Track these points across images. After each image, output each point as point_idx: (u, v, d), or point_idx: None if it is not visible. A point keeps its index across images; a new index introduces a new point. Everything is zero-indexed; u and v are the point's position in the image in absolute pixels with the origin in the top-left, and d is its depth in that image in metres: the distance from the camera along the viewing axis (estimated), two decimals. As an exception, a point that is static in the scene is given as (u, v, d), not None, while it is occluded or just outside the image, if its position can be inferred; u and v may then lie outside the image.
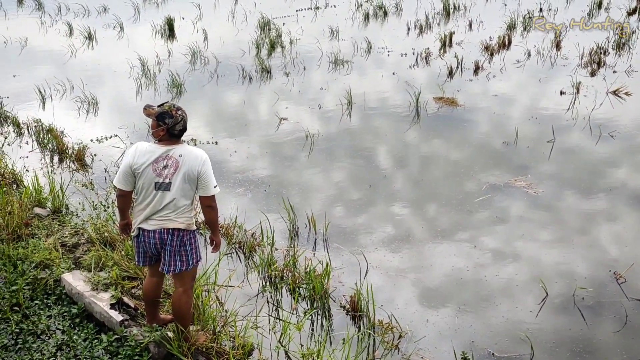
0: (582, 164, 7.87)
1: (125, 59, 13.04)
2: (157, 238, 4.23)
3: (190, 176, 4.14)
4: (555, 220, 6.58)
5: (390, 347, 4.80)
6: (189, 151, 4.19)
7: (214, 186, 4.22)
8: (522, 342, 4.82)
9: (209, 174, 4.18)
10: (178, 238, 4.23)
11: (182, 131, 4.23)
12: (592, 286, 5.43)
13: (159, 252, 4.31)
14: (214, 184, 4.22)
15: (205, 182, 4.18)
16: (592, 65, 11.61)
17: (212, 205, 4.30)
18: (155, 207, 4.19)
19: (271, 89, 11.35)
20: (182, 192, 4.16)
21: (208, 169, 4.17)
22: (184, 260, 4.28)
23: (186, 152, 4.17)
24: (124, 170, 4.23)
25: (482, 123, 9.35)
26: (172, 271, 4.30)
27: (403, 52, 13.29)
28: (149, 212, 4.21)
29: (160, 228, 4.21)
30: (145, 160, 4.16)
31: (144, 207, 4.23)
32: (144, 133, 9.32)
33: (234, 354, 4.48)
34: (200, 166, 4.14)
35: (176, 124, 4.17)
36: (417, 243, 6.26)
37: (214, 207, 4.31)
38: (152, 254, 4.35)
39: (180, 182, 4.14)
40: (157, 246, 4.27)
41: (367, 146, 8.73)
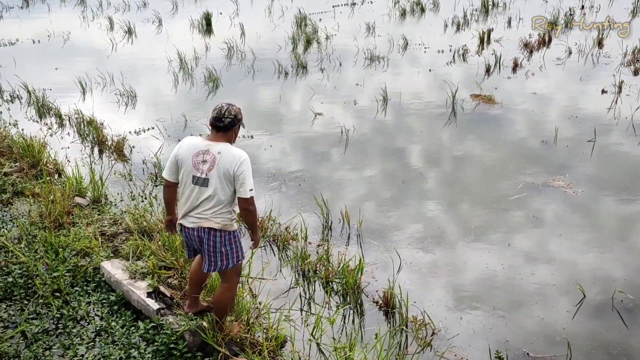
0: (623, 165, 7.69)
1: (164, 53, 13.24)
2: (195, 236, 4.25)
3: (226, 175, 4.08)
4: (593, 222, 6.46)
5: (423, 344, 4.78)
6: (228, 150, 4.11)
7: (249, 189, 4.09)
8: (557, 343, 4.75)
9: (245, 176, 4.07)
10: (215, 237, 4.20)
11: (227, 126, 4.15)
12: (631, 289, 5.31)
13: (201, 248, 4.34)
14: (249, 187, 4.09)
15: (240, 182, 4.07)
16: (636, 64, 11.31)
17: (249, 208, 4.16)
18: (193, 203, 4.18)
19: (306, 84, 11.38)
20: (220, 190, 4.11)
21: (245, 170, 4.07)
22: (224, 260, 4.26)
23: (225, 150, 4.10)
24: (170, 160, 4.28)
25: (520, 121, 9.21)
26: (212, 270, 4.31)
27: (440, 49, 13.18)
28: (188, 207, 4.21)
29: (198, 227, 4.20)
30: (189, 152, 4.17)
31: (184, 201, 4.24)
32: (181, 126, 9.46)
33: (267, 345, 4.52)
34: (237, 166, 4.05)
35: (219, 116, 4.14)
36: (451, 241, 6.22)
37: (251, 211, 4.19)
38: (196, 248, 4.39)
39: (217, 180, 4.09)
40: (197, 244, 4.30)
41: (402, 143, 8.69)
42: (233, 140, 4.24)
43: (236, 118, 4.19)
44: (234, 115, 4.17)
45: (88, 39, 15.52)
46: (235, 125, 4.20)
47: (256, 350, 4.51)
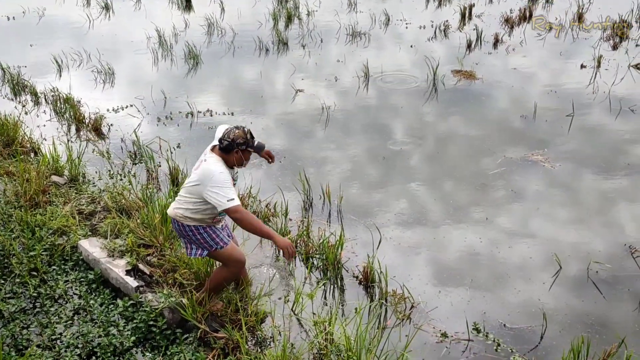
0: (600, 139, 7.76)
1: (142, 29, 13.01)
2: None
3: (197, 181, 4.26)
4: (571, 195, 6.53)
5: (402, 317, 4.83)
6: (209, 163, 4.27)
7: (227, 200, 4.13)
8: (534, 315, 4.82)
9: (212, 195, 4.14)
10: (176, 225, 4.43)
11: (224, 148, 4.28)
12: (606, 260, 5.40)
13: None
14: (225, 198, 4.12)
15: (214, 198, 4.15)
16: (615, 38, 11.37)
17: (237, 217, 4.19)
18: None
19: (288, 61, 11.27)
20: (191, 188, 4.31)
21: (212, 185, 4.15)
22: (191, 247, 4.46)
23: (208, 161, 4.28)
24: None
25: (501, 97, 9.23)
26: (189, 255, 4.52)
27: (422, 25, 13.10)
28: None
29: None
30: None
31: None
32: (161, 104, 9.36)
33: (247, 321, 4.53)
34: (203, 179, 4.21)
35: (220, 137, 4.34)
36: (430, 216, 6.25)
37: (241, 219, 4.20)
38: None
39: (193, 179, 4.31)
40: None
41: (383, 119, 8.68)
42: (239, 164, 4.36)
43: (234, 142, 4.26)
44: (232, 140, 4.26)
45: (64, 16, 15.19)
46: (233, 149, 4.28)
47: (236, 325, 4.53)
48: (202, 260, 4.99)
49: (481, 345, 4.54)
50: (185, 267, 5.08)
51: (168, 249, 5.37)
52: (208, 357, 4.27)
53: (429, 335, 4.65)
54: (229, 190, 4.15)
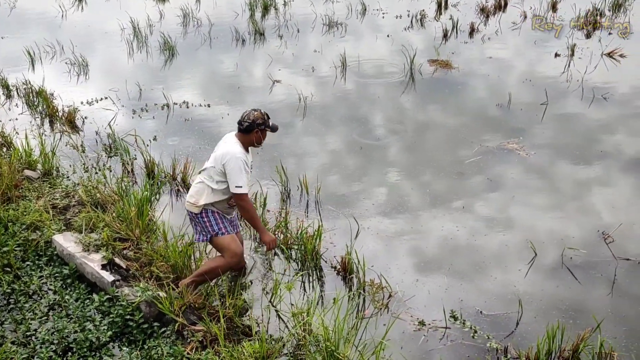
0: (574, 126, 7.86)
1: (116, 20, 12.83)
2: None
3: (216, 160, 4.61)
4: (545, 183, 6.60)
5: (380, 306, 4.85)
6: (227, 145, 4.66)
7: (235, 186, 4.53)
8: (510, 301, 4.88)
9: (229, 172, 4.54)
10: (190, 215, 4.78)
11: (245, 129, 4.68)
12: (581, 246, 5.48)
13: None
14: (234, 183, 4.54)
15: (228, 177, 4.57)
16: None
17: (240, 204, 4.63)
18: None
19: (264, 51, 11.21)
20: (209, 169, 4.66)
21: (229, 167, 4.53)
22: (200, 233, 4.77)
23: (225, 144, 4.68)
24: None
25: (477, 86, 9.29)
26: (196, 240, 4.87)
27: (398, 14, 13.11)
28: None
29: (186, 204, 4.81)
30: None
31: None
32: (136, 96, 9.25)
33: (225, 313, 4.52)
34: (222, 160, 4.57)
35: (240, 120, 4.72)
36: (407, 205, 6.28)
37: (243, 207, 4.64)
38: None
39: (209, 162, 4.69)
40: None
41: (360, 109, 8.68)
42: (258, 142, 4.78)
43: (254, 122, 4.66)
44: (252, 120, 4.67)
45: (36, 7, 14.91)
46: (253, 130, 4.68)
47: (214, 318, 4.51)
48: (179, 252, 4.96)
49: (458, 332, 4.59)
50: (162, 260, 5.05)
51: (144, 242, 5.32)
52: (186, 350, 4.25)
53: (407, 323, 4.68)
54: (241, 176, 4.55)
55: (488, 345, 4.45)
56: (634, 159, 6.94)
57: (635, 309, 4.80)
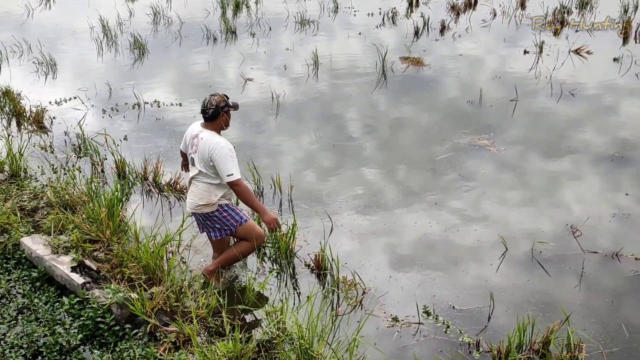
0: (543, 122, 7.98)
1: (85, 19, 12.65)
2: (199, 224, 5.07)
3: (204, 159, 4.73)
4: (515, 178, 6.69)
5: (354, 303, 4.87)
6: (208, 137, 4.74)
7: (227, 174, 4.68)
8: (482, 296, 4.93)
9: (219, 162, 4.66)
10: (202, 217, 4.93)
11: (212, 116, 4.77)
12: (550, 240, 5.56)
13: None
14: (226, 172, 4.67)
15: (218, 169, 4.71)
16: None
17: (236, 189, 4.78)
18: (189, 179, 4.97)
19: (236, 50, 11.16)
20: (204, 170, 4.77)
21: (218, 157, 4.65)
22: (221, 229, 4.92)
23: (206, 137, 4.75)
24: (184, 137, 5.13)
25: (448, 83, 9.38)
26: (215, 237, 4.99)
27: (370, 12, 13.17)
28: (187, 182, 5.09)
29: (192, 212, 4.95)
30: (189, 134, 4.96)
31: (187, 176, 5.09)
32: (106, 95, 9.13)
33: (199, 313, 4.49)
34: (211, 152, 4.67)
35: (203, 109, 4.80)
36: (380, 202, 6.31)
37: (237, 191, 4.78)
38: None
39: (199, 162, 4.78)
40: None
41: (333, 107, 8.69)
42: (226, 125, 4.90)
43: (218, 107, 4.76)
44: (216, 105, 4.76)
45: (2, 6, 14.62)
46: (219, 114, 4.78)
47: (187, 318, 4.48)
48: (151, 253, 4.91)
49: (431, 327, 4.63)
50: (134, 261, 4.99)
51: (115, 243, 5.26)
52: (159, 352, 4.21)
53: (381, 320, 4.71)
54: (230, 164, 4.67)
55: (460, 339, 4.50)
56: (601, 154, 7.07)
57: (603, 300, 4.89)
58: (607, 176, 6.65)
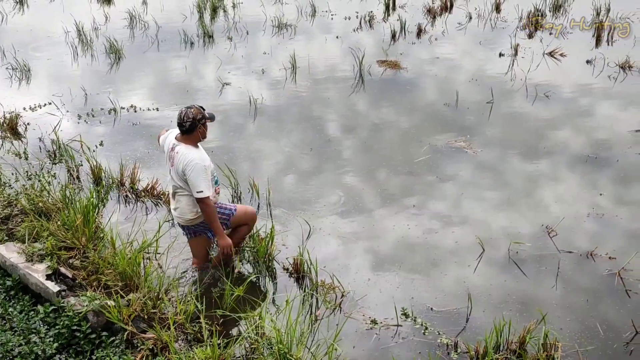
0: (519, 124, 8.07)
1: (60, 23, 12.51)
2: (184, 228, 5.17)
3: (179, 173, 4.81)
4: (492, 180, 6.76)
5: (333, 307, 4.87)
6: (184, 152, 4.78)
7: (196, 191, 4.74)
8: (460, 297, 4.97)
9: (190, 178, 4.73)
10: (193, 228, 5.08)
11: (189, 129, 4.79)
12: (526, 241, 5.63)
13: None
14: (196, 189, 4.74)
15: (189, 182, 4.78)
16: (530, 27, 11.83)
17: (201, 206, 4.83)
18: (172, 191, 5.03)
19: (214, 54, 11.12)
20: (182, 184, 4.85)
21: (191, 173, 4.71)
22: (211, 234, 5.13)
23: (182, 151, 4.79)
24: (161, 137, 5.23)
25: (425, 86, 9.44)
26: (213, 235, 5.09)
27: (347, 16, 13.21)
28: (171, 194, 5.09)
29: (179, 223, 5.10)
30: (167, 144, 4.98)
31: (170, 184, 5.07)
32: (82, 100, 9.04)
33: (176, 319, 4.45)
34: (184, 167, 4.74)
35: (180, 122, 4.79)
36: (358, 205, 6.33)
37: (204, 209, 4.84)
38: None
39: (176, 176, 4.86)
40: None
41: (311, 111, 8.70)
42: (203, 137, 4.92)
43: (195, 119, 4.77)
44: (193, 118, 4.76)
45: (-26, 10, 14.41)
46: (197, 127, 4.80)
47: (165, 325, 4.44)
48: (127, 260, 4.86)
49: (410, 329, 4.65)
50: (110, 268, 4.94)
51: (91, 250, 5.20)
52: (136, 359, 4.17)
53: (359, 323, 4.71)
54: (201, 181, 4.73)
55: (439, 341, 4.52)
56: (576, 155, 7.17)
57: (579, 299, 4.96)
58: (582, 177, 6.75)
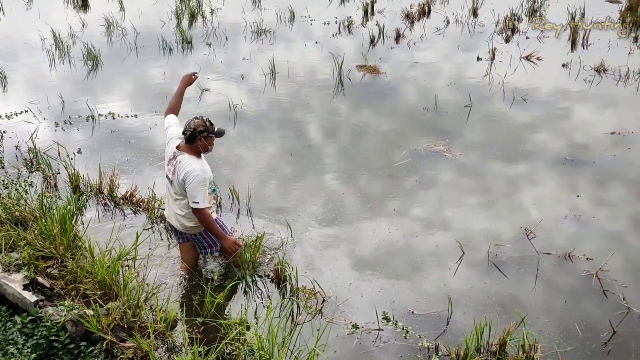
0: (497, 127, 8.16)
1: (36, 30, 12.37)
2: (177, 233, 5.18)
3: (180, 182, 4.83)
4: (472, 182, 6.82)
5: (314, 312, 4.87)
6: (186, 161, 4.81)
7: (192, 201, 4.78)
8: (441, 300, 4.99)
9: (189, 189, 4.76)
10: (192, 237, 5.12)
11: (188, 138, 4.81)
12: (505, 243, 5.68)
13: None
14: (192, 199, 4.78)
15: (187, 194, 4.82)
16: (507, 31, 11.97)
17: (198, 217, 4.88)
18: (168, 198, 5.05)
19: (193, 60, 11.07)
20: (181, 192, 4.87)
21: (190, 184, 4.74)
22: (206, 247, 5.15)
23: (183, 161, 4.82)
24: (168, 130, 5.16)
25: (404, 90, 9.50)
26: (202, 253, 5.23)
27: (326, 21, 13.25)
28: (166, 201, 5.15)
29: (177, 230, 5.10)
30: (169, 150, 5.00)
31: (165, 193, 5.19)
32: (59, 108, 8.94)
33: (156, 328, 4.42)
34: (184, 177, 4.77)
35: (184, 130, 4.86)
36: (339, 210, 6.34)
37: (200, 219, 4.89)
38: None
39: (177, 184, 4.87)
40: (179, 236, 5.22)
41: (291, 116, 8.71)
42: (204, 150, 4.90)
43: (195, 131, 4.78)
44: (193, 129, 4.79)
45: (-52, 17, 14.20)
46: (196, 138, 4.80)
47: (145, 334, 4.40)
48: (106, 268, 4.81)
49: (391, 333, 4.66)
50: (89, 277, 4.88)
51: (69, 259, 5.13)
52: (116, 369, 4.12)
53: (341, 327, 4.72)
54: (198, 193, 4.76)
55: (420, 344, 4.54)
56: (553, 158, 7.27)
57: (557, 300, 5.02)
58: (560, 179, 6.84)
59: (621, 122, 8.13)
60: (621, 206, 6.33)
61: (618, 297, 5.01)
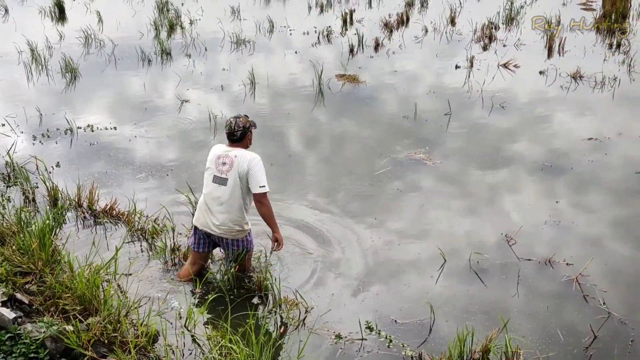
0: (476, 135, 8.23)
1: (12, 43, 12.25)
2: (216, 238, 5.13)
3: (242, 174, 4.85)
4: (452, 190, 6.86)
5: (297, 323, 4.85)
6: (243, 153, 4.90)
7: (259, 185, 4.85)
8: (423, 308, 4.99)
9: (255, 172, 4.83)
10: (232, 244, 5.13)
11: (240, 138, 4.95)
12: (486, 250, 5.72)
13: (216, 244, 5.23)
14: (259, 183, 4.85)
15: (252, 179, 4.84)
16: (484, 39, 12.12)
17: (261, 201, 4.93)
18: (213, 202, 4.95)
19: (172, 71, 11.05)
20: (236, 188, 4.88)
21: (254, 167, 4.82)
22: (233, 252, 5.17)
23: (240, 154, 4.89)
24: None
25: (384, 99, 9.56)
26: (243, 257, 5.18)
27: (305, 31, 13.30)
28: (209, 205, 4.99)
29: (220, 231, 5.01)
30: (213, 156, 5.01)
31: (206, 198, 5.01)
32: (36, 121, 8.84)
33: (137, 342, 4.36)
34: (250, 164, 4.82)
35: (231, 132, 4.94)
36: (320, 219, 6.33)
37: (263, 203, 4.95)
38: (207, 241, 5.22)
39: (234, 180, 4.86)
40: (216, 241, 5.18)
41: (270, 126, 8.70)
42: (250, 143, 5.07)
43: (245, 128, 4.94)
44: (243, 127, 4.94)
45: None
46: (247, 134, 4.97)
47: (126, 349, 4.35)
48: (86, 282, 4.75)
49: (374, 343, 4.65)
50: (68, 292, 4.81)
51: (48, 274, 5.06)
52: (96, 385, 4.06)
53: (324, 338, 4.69)
54: (264, 177, 4.89)
55: (403, 353, 4.54)
56: (532, 164, 7.35)
57: (539, 306, 5.05)
58: (539, 185, 6.91)
59: (598, 128, 8.25)
60: (599, 211, 6.41)
61: (598, 301, 5.06)
